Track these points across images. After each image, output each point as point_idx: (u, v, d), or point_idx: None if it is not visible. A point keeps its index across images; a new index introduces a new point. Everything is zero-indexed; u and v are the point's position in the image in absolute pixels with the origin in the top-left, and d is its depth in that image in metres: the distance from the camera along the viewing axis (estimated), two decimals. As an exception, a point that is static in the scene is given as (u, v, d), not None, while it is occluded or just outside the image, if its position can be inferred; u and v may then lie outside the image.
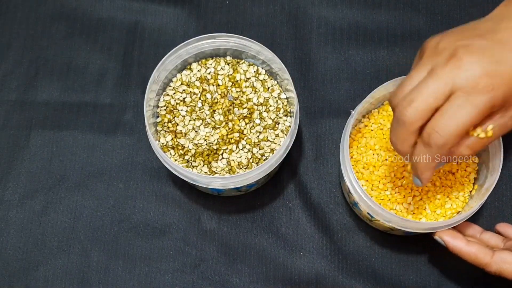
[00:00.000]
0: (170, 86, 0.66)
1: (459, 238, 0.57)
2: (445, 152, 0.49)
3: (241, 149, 0.63)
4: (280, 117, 0.65)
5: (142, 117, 0.68)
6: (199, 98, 0.65)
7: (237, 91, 0.65)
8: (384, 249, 0.66)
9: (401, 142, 0.50)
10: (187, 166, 0.63)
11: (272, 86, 0.66)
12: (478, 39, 0.48)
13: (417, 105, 0.48)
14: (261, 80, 0.66)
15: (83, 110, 0.70)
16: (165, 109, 0.65)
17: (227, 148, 0.63)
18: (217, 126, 0.64)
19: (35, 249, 0.66)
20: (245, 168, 0.63)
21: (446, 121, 0.47)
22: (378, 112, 0.64)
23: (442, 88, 0.47)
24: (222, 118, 0.64)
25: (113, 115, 0.70)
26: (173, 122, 0.64)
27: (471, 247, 0.56)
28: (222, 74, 0.66)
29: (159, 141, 0.64)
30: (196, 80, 0.66)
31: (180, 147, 0.63)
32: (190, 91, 0.65)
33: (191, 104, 0.65)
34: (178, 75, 0.66)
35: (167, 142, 0.64)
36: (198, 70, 0.66)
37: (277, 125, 0.64)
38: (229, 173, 0.63)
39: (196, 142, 0.63)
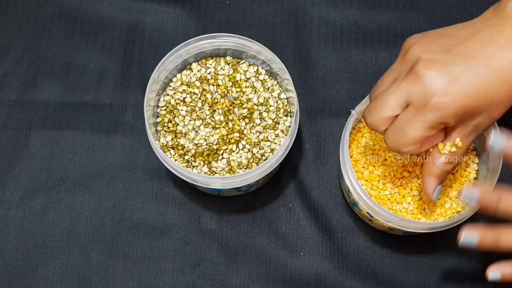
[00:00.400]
0: (170, 86, 0.66)
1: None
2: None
3: (241, 149, 0.63)
4: (280, 117, 0.65)
5: (142, 117, 0.68)
6: (199, 98, 0.65)
7: (237, 91, 0.65)
8: (384, 249, 0.66)
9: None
10: (187, 166, 0.63)
11: (272, 86, 0.66)
12: (444, 52, 0.49)
13: (376, 115, 0.51)
14: (261, 80, 0.66)
15: (83, 110, 0.70)
16: (165, 109, 0.65)
17: (227, 148, 0.63)
18: (217, 126, 0.64)
19: (35, 249, 0.66)
20: (245, 168, 0.63)
21: (396, 133, 0.50)
22: (378, 112, 0.64)
23: (398, 100, 0.50)
24: (222, 118, 0.64)
25: (113, 115, 0.70)
26: (173, 122, 0.64)
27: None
28: (222, 74, 0.66)
29: (159, 141, 0.64)
30: (196, 80, 0.66)
31: (180, 147, 0.64)
32: (190, 91, 0.65)
33: (191, 104, 0.65)
34: (178, 75, 0.66)
35: (167, 142, 0.64)
36: (198, 70, 0.66)
37: (277, 125, 0.64)
38: (229, 173, 0.63)
39: (196, 142, 0.63)
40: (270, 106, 0.65)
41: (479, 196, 0.51)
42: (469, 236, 0.51)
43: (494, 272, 0.51)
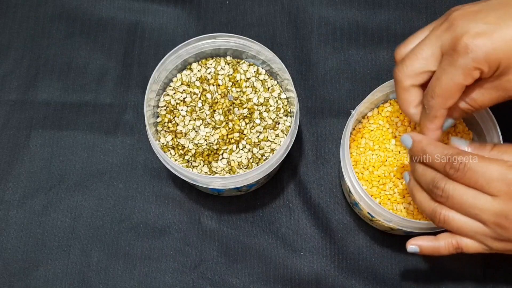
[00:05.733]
0: (170, 86, 0.66)
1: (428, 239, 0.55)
2: (439, 112, 0.51)
3: (241, 149, 0.63)
4: (280, 117, 0.65)
5: (142, 117, 0.68)
6: (199, 98, 0.65)
7: (237, 91, 0.65)
8: (384, 249, 0.66)
9: (398, 99, 0.54)
10: (187, 166, 0.63)
11: (272, 86, 0.66)
12: (479, 2, 0.49)
13: (409, 64, 0.51)
14: (261, 80, 0.66)
15: (83, 110, 0.70)
16: (165, 109, 0.65)
17: (227, 148, 0.63)
18: (217, 126, 0.64)
19: (35, 249, 0.66)
20: (245, 168, 0.63)
21: (434, 83, 0.50)
22: (378, 112, 0.65)
23: (431, 51, 0.50)
24: (222, 118, 0.64)
25: (113, 115, 0.70)
26: (173, 122, 0.64)
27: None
28: (222, 74, 0.66)
29: (159, 141, 0.64)
30: (196, 80, 0.66)
31: (180, 147, 0.64)
32: (190, 91, 0.65)
33: (191, 104, 0.65)
34: (178, 75, 0.66)
35: (167, 142, 0.64)
36: (198, 70, 0.66)
37: (277, 125, 0.64)
38: (229, 173, 0.63)
39: (196, 142, 0.63)
40: (270, 106, 0.65)
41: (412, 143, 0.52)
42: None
43: (412, 246, 0.54)
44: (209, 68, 0.66)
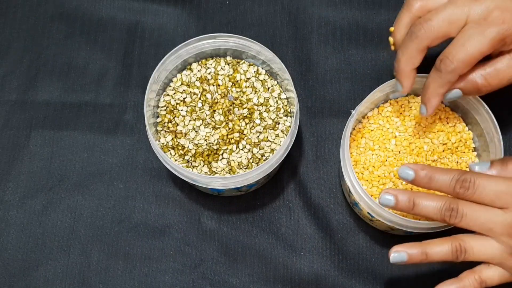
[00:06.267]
0: (170, 86, 0.66)
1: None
2: (454, 78, 0.52)
3: (241, 149, 0.63)
4: (280, 117, 0.65)
5: (142, 117, 0.68)
6: (199, 98, 0.65)
7: (237, 91, 0.65)
8: (384, 249, 0.66)
9: (406, 59, 0.54)
10: (187, 166, 0.63)
11: (272, 86, 0.66)
12: None
13: (432, 24, 0.52)
14: (261, 80, 0.66)
15: (83, 110, 0.70)
16: (165, 109, 0.65)
17: (227, 148, 0.63)
18: (217, 126, 0.64)
19: (35, 249, 0.67)
20: (245, 168, 0.63)
21: (457, 49, 0.51)
22: (378, 112, 0.65)
23: (457, 15, 0.51)
24: (222, 118, 0.64)
25: (113, 115, 0.70)
26: (173, 122, 0.64)
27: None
28: (222, 74, 0.66)
29: (159, 141, 0.64)
30: (196, 80, 0.66)
31: (180, 147, 0.64)
32: (190, 91, 0.65)
33: (191, 104, 0.65)
34: (178, 75, 0.66)
35: (167, 142, 0.64)
36: (198, 70, 0.66)
37: (277, 125, 0.64)
38: (229, 173, 0.63)
39: (196, 142, 0.63)
40: (270, 106, 0.65)
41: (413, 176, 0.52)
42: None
43: (396, 253, 0.52)
44: (209, 68, 0.66)
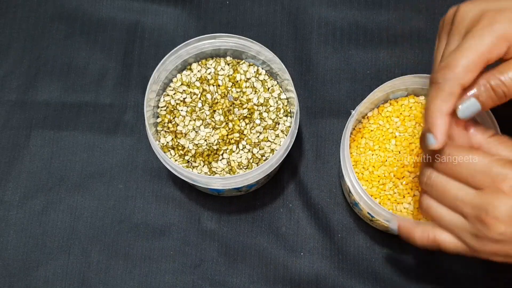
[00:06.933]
0: (170, 86, 0.66)
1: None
2: (456, 87, 0.47)
3: (241, 150, 0.63)
4: (280, 118, 0.65)
5: (142, 117, 0.68)
6: (199, 99, 0.65)
7: (237, 92, 0.65)
8: (384, 249, 0.66)
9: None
10: (187, 167, 0.63)
11: (272, 86, 0.66)
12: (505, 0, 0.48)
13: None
14: (261, 81, 0.66)
15: (83, 110, 0.70)
16: (165, 110, 0.65)
17: (227, 149, 0.63)
18: (217, 126, 0.64)
19: (35, 249, 0.67)
20: (245, 169, 0.63)
21: (458, 54, 0.47)
22: (378, 112, 0.65)
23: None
24: (222, 118, 0.64)
25: (113, 115, 0.70)
26: (173, 122, 0.64)
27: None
28: (222, 75, 0.66)
29: (159, 141, 0.64)
30: (196, 80, 0.66)
31: (180, 148, 0.64)
32: (190, 92, 0.65)
33: (191, 104, 0.65)
34: (178, 75, 0.66)
35: (167, 142, 0.64)
36: (198, 71, 0.66)
37: (277, 126, 0.64)
38: (229, 173, 0.63)
39: (196, 142, 0.63)
40: (270, 106, 0.65)
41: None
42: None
43: (394, 223, 0.54)
44: (209, 68, 0.66)
